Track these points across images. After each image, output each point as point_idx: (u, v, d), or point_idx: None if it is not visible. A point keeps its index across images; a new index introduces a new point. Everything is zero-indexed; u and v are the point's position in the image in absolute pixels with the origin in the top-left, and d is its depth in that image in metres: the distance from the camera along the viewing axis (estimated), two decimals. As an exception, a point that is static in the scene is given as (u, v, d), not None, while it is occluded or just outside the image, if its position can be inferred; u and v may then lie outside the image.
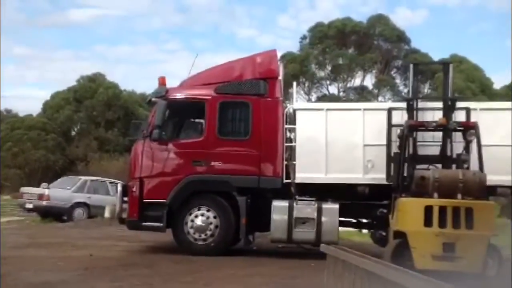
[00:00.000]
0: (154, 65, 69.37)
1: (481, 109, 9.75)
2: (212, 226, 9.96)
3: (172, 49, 74.70)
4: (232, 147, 10.38)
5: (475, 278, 7.09)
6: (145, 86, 78.60)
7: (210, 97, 10.44)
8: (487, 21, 67.46)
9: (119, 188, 11.00)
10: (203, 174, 10.22)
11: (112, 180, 20.22)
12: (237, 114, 10.54)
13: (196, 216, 10.01)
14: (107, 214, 16.92)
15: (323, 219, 9.81)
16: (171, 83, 10.86)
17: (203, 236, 9.94)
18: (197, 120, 11.53)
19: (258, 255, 10.25)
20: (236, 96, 10.46)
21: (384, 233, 9.64)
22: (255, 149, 10.24)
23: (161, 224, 10.00)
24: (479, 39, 66.19)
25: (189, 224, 9.98)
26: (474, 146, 8.35)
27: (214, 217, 9.99)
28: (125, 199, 10.53)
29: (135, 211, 10.13)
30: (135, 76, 71.51)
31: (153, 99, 10.67)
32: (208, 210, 10.04)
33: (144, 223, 10.11)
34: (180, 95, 10.71)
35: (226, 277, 7.36)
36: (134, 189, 10.25)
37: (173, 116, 10.88)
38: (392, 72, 45.42)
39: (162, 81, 10.74)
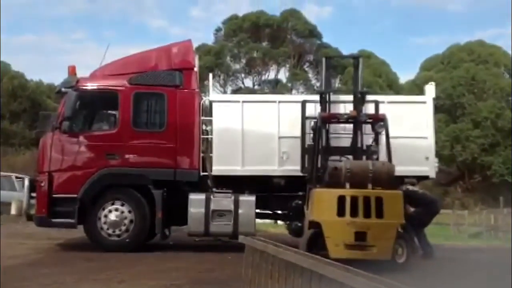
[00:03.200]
0: (61, 55, 66.21)
1: (388, 102, 10.20)
2: (126, 221, 9.70)
3: (79, 39, 71.69)
4: (147, 139, 10.16)
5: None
6: (52, 76, 75.06)
7: (123, 88, 10.16)
8: (390, 18, 70.83)
9: (26, 183, 10.49)
10: (117, 167, 9.93)
11: (18, 175, 19.15)
12: (152, 106, 10.32)
13: (110, 211, 9.72)
14: (13, 210, 16.09)
15: (240, 211, 9.86)
16: (79, 73, 10.46)
17: (117, 231, 9.67)
18: (110, 111, 11.17)
19: (175, 249, 10.11)
20: (150, 87, 10.23)
21: (299, 224, 9.85)
22: (171, 142, 10.08)
23: (73, 220, 9.62)
24: (384, 35, 69.39)
25: (103, 219, 9.67)
26: (383, 138, 8.70)
27: (129, 211, 9.73)
28: (33, 194, 10.03)
29: (43, 206, 9.67)
30: (42, 66, 67.88)
31: (63, 89, 10.21)
32: (122, 205, 9.77)
33: (54, 220, 9.69)
34: (91, 86, 10.34)
35: (142, 273, 7.19)
36: (42, 183, 9.78)
37: (84, 107, 10.47)
38: (305, 66, 46.54)
39: (72, 71, 10.32)
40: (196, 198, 9.88)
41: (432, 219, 10.21)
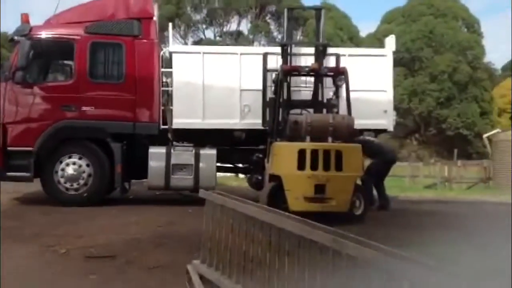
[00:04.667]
0: (15, 2, 63.06)
1: (349, 55, 10.19)
2: (84, 175, 9.55)
3: (35, -16, 68.16)
4: (105, 91, 9.91)
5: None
6: (6, 25, 71.64)
7: (79, 37, 9.81)
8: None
9: (-22, 135, 10.09)
10: (74, 119, 9.69)
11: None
12: (109, 56, 10.04)
13: (67, 165, 9.53)
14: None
15: (200, 165, 9.82)
16: (35, 21, 10.04)
17: (75, 185, 9.51)
18: (65, 61, 10.79)
19: (134, 203, 10.07)
20: (108, 36, 9.91)
21: (260, 177, 9.93)
22: (129, 94, 9.87)
23: (28, 174, 9.40)
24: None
25: (60, 173, 9.48)
26: (343, 91, 8.73)
27: (87, 165, 9.57)
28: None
29: (-2, 160, 9.39)
30: (-7, 13, 64.58)
31: (16, 38, 9.77)
32: (80, 158, 9.59)
33: (8, 173, 9.44)
34: (46, 34, 9.93)
35: (101, 227, 7.13)
36: (-5, 136, 9.45)
37: (38, 57, 10.06)
38: (267, 18, 45.87)
39: (25, 18, 9.86)
40: (156, 152, 9.79)
41: (389, 169, 10.45)
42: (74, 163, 9.55)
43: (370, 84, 10.15)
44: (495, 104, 41.86)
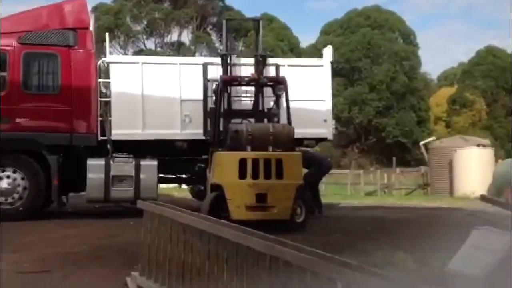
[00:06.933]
0: None
1: (288, 65, 10.35)
2: (19, 189, 9.22)
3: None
4: (39, 102, 9.65)
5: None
6: None
7: (12, 48, 9.51)
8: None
9: None
10: (7, 132, 9.33)
11: None
12: (44, 67, 9.79)
13: (1, 179, 9.16)
14: None
15: (141, 176, 9.68)
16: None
17: (9, 199, 9.17)
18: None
19: (73, 217, 9.78)
20: (42, 47, 9.65)
21: (202, 187, 9.87)
22: (66, 105, 9.63)
23: (-40, 189, 8.97)
24: (287, -1, 69.96)
25: (-7, 187, 9.11)
26: (283, 100, 8.85)
27: (22, 178, 9.25)
28: None
29: None
30: None
31: None
32: (14, 171, 9.25)
33: None
34: (-24, 45, 9.51)
35: (36, 241, 6.88)
36: None
37: (-31, 69, 9.63)
38: (208, 29, 45.87)
39: (-45, 30, 9.42)
40: (94, 164, 9.56)
41: (322, 177, 10.73)
42: (8, 177, 9.22)
43: (309, 93, 10.33)
44: (431, 113, 43.57)
